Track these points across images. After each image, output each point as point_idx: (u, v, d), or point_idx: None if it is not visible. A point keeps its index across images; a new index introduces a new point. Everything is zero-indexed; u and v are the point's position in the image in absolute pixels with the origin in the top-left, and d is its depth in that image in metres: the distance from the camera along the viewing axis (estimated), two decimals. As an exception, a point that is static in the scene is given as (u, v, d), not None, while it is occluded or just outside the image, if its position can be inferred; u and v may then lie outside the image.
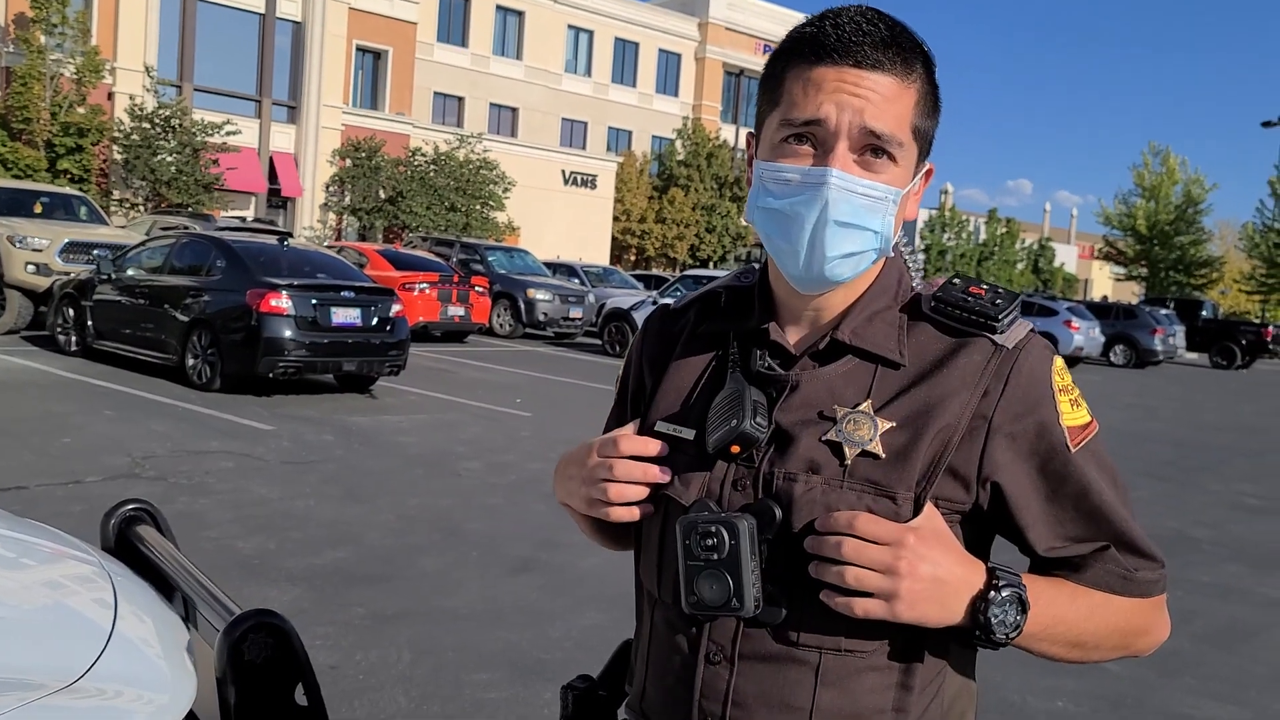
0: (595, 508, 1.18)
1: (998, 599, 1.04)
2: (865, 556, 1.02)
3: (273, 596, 4.61)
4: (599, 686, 1.33)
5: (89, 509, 5.73)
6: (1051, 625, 1.09)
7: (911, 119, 1.12)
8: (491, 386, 12.58)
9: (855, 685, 1.10)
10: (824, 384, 1.13)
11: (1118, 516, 1.12)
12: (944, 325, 1.14)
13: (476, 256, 20.96)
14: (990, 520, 1.13)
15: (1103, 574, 1.12)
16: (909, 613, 1.03)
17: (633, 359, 1.34)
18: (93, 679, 1.26)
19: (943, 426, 1.08)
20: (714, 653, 1.13)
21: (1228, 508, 8.59)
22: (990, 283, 1.15)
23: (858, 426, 1.09)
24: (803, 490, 1.09)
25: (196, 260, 11.03)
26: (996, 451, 1.09)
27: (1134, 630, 1.14)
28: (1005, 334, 1.11)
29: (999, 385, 1.09)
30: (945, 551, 1.05)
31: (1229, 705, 4.26)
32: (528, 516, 6.43)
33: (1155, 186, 46.66)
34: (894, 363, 1.12)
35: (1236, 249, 51.00)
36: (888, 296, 1.17)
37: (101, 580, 1.61)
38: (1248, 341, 32.61)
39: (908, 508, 1.07)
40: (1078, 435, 1.11)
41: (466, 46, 39.49)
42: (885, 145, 1.09)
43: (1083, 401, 1.14)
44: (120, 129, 25.90)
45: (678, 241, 39.87)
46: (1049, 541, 1.12)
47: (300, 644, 1.37)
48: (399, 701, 3.71)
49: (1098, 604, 1.11)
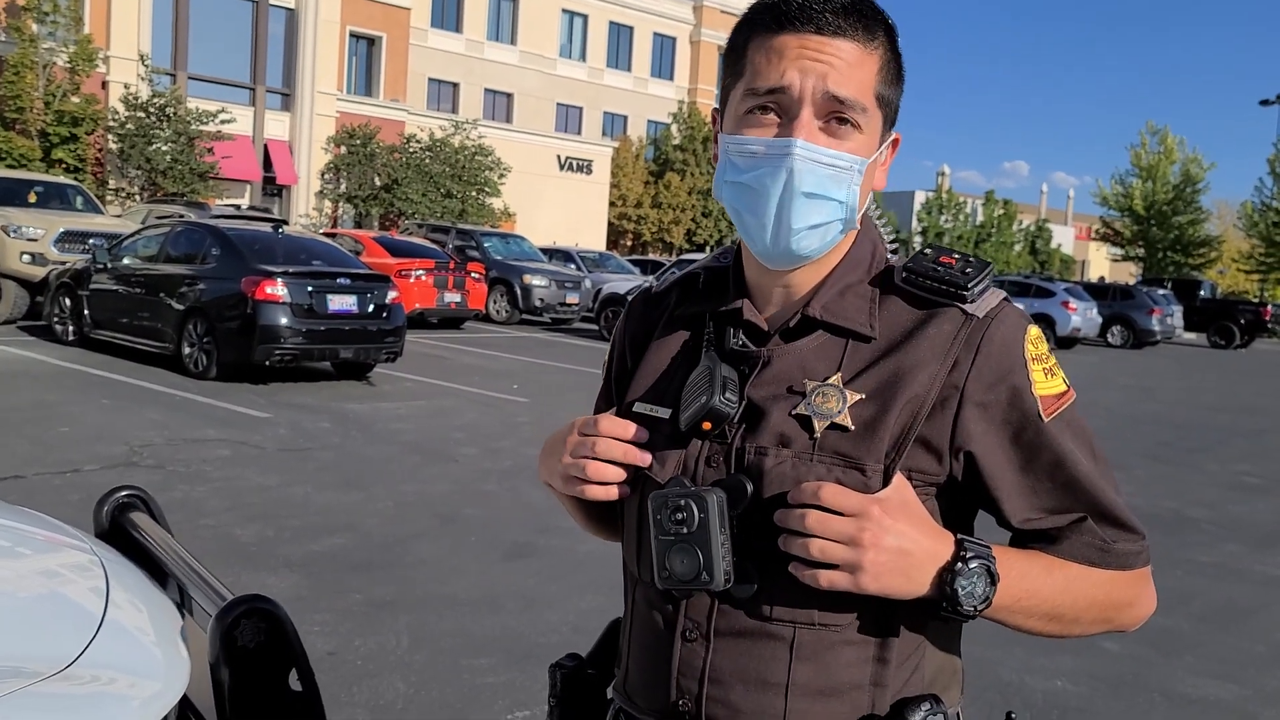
0: (573, 485, 1.18)
1: (965, 570, 1.03)
2: (829, 528, 1.02)
3: (271, 584, 4.61)
4: (587, 665, 1.33)
5: (87, 498, 5.71)
6: (1024, 598, 1.08)
7: (875, 85, 1.11)
8: (488, 373, 12.57)
9: (831, 659, 1.10)
10: (795, 359, 1.13)
11: (1094, 487, 1.10)
12: (915, 296, 1.13)
13: (472, 243, 20.92)
14: (967, 492, 1.12)
15: (1079, 546, 1.10)
16: (873, 584, 1.02)
17: (617, 341, 1.34)
18: (84, 665, 1.26)
19: (911, 397, 1.08)
20: (690, 630, 1.13)
21: (1226, 487, 8.59)
22: (962, 252, 1.14)
23: (826, 399, 1.09)
24: (773, 464, 1.09)
25: (192, 248, 11.00)
26: (969, 421, 1.08)
27: (1115, 603, 1.13)
28: (976, 303, 1.10)
29: (969, 355, 1.08)
30: (912, 523, 1.04)
31: (1228, 684, 4.27)
32: (524, 502, 6.43)
33: (1153, 166, 46.56)
34: (865, 336, 1.12)
35: (1235, 228, 50.91)
36: (860, 270, 1.16)
37: (94, 567, 1.60)
38: (1246, 321, 32.64)
39: (877, 479, 1.06)
40: (1051, 404, 1.09)
41: (460, 32, 39.32)
42: (848, 112, 1.09)
43: (1058, 371, 1.13)
44: (115, 118, 25.80)
45: (674, 226, 39.81)
46: (1024, 513, 1.11)
47: (293, 629, 1.36)
48: (398, 687, 3.71)
49: (1074, 576, 1.10)
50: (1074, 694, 4.04)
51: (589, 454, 1.16)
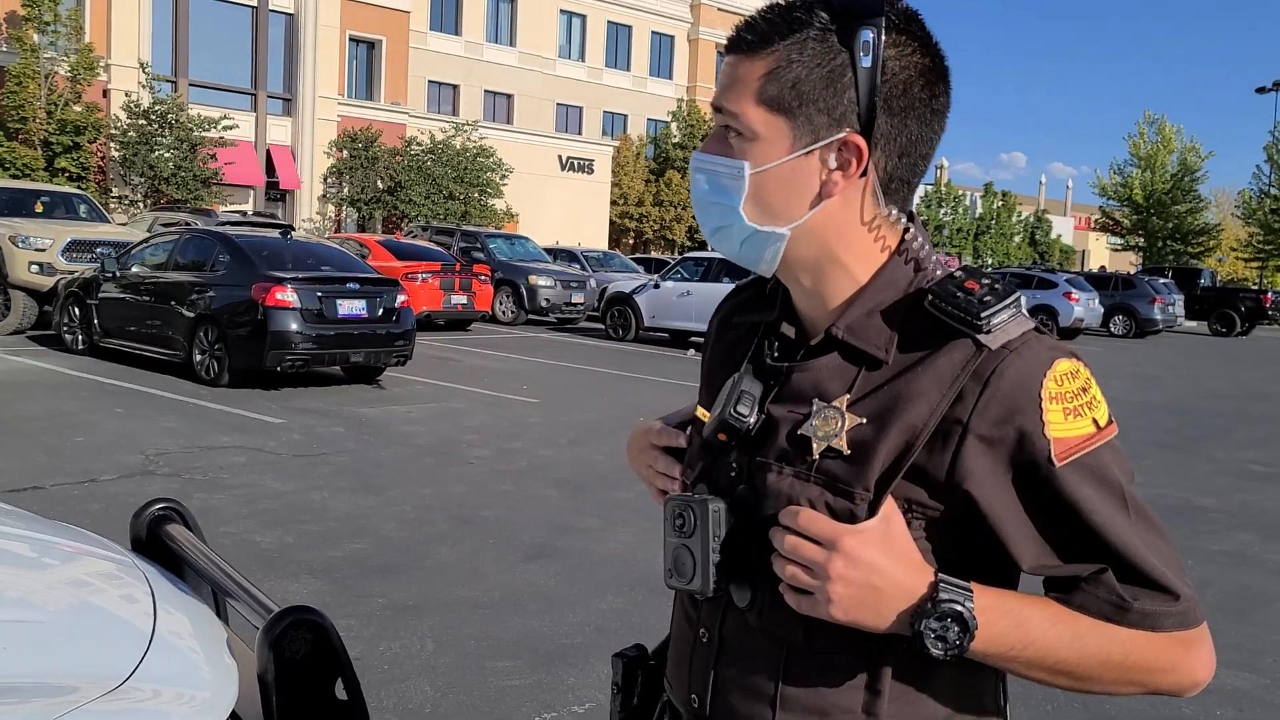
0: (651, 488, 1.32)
1: (934, 612, 0.99)
2: (800, 553, 1.02)
3: (294, 590, 4.65)
4: (649, 656, 1.37)
5: (106, 507, 5.77)
6: (1020, 648, 1.01)
7: (756, 91, 1.08)
8: (497, 374, 12.61)
9: (819, 681, 1.10)
10: (810, 378, 1.13)
11: (1118, 539, 1.02)
12: (937, 321, 1.07)
13: (477, 244, 20.97)
14: (972, 531, 1.06)
15: (1090, 599, 1.03)
16: (842, 616, 1.01)
17: (709, 332, 1.40)
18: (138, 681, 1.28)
19: (907, 425, 1.04)
20: (704, 634, 1.18)
21: (1234, 475, 8.62)
22: (991, 277, 1.08)
23: (826, 421, 1.09)
24: (774, 480, 1.10)
25: (200, 256, 11.05)
26: (969, 458, 1.02)
27: (1142, 667, 1.03)
28: (991, 334, 1.03)
29: (976, 387, 1.02)
30: (891, 557, 1.01)
31: (1245, 673, 4.30)
32: (541, 503, 6.48)
33: (1151, 156, 46.53)
34: (877, 360, 1.09)
35: (1233, 216, 50.92)
36: (895, 290, 1.12)
37: (138, 581, 1.63)
38: (1246, 308, 32.70)
39: (863, 507, 1.04)
40: (1069, 448, 1.01)
41: (460, 34, 39.35)
42: (729, 120, 1.11)
43: (1089, 411, 1.03)
44: (117, 126, 25.87)
45: (675, 224, 39.83)
46: (1035, 559, 1.04)
47: (339, 639, 1.39)
48: (424, 691, 3.76)
49: (1084, 631, 1.02)
50: (1093, 685, 4.08)
51: (650, 464, 1.30)
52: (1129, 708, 3.91)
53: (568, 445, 8.38)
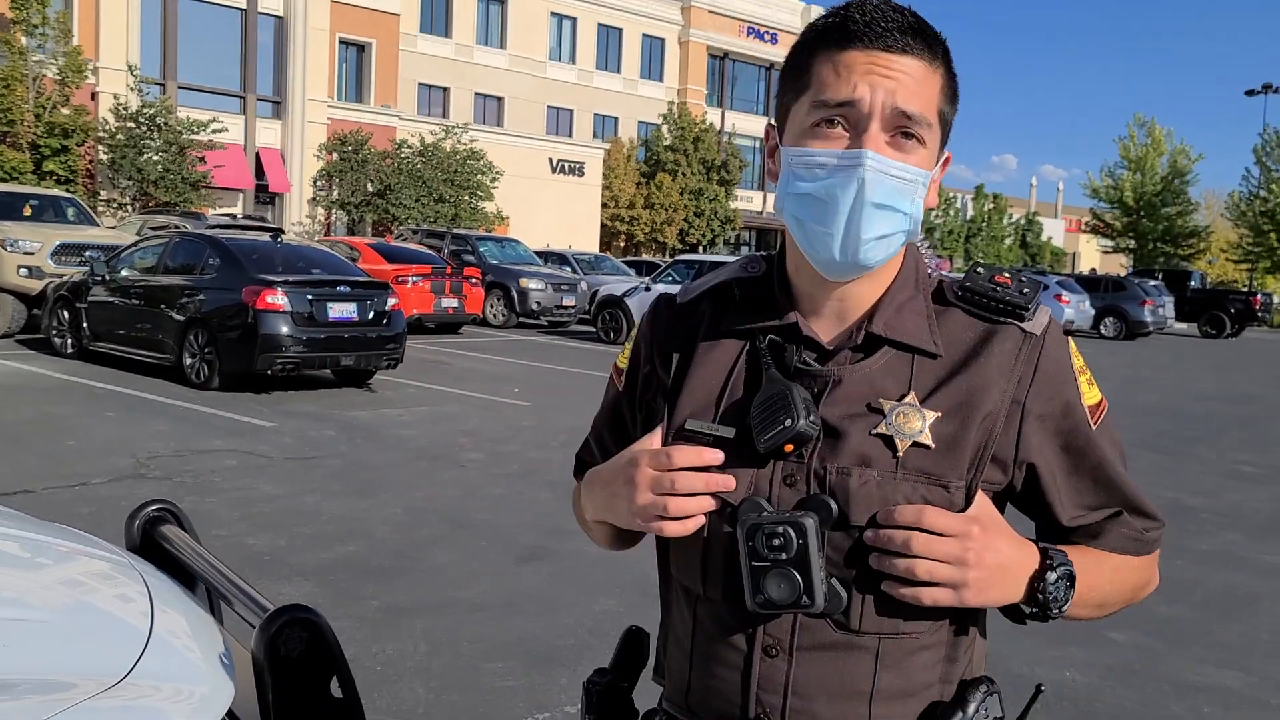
0: (651, 523, 1.15)
1: (1053, 578, 1.11)
2: (935, 550, 1.07)
3: (286, 593, 4.64)
4: (618, 679, 1.35)
5: (97, 511, 5.75)
6: (1086, 593, 1.15)
7: (938, 103, 1.14)
8: (488, 377, 12.60)
9: (910, 664, 1.15)
10: (864, 378, 1.15)
11: (1126, 484, 1.20)
12: (973, 313, 1.17)
13: (468, 247, 20.95)
14: (1014, 496, 1.20)
15: (1118, 538, 1.20)
16: (977, 599, 1.09)
17: (641, 348, 1.31)
18: (136, 678, 1.29)
19: (986, 414, 1.13)
20: (771, 646, 1.15)
21: (1224, 476, 8.67)
22: (1013, 269, 1.20)
23: (908, 419, 1.12)
24: (858, 484, 1.11)
25: (190, 259, 11.02)
26: (1030, 435, 1.15)
27: (1140, 585, 1.24)
28: (1032, 321, 1.16)
29: (1030, 371, 1.15)
30: (1003, 537, 1.10)
31: (1234, 672, 4.33)
32: (534, 505, 6.48)
33: (1141, 158, 46.69)
34: (931, 354, 1.15)
35: (1223, 218, 51.08)
36: (910, 286, 1.19)
37: (135, 581, 1.63)
38: (1236, 310, 32.85)
39: (959, 495, 1.11)
40: (1096, 413, 1.19)
41: (450, 37, 39.32)
42: (915, 127, 1.11)
43: (1095, 380, 1.21)
44: (105, 129, 25.78)
45: (666, 226, 39.85)
46: (1072, 511, 1.19)
47: (334, 637, 1.39)
48: (418, 692, 3.76)
49: (1117, 566, 1.19)
50: (1084, 684, 4.10)
51: (669, 490, 1.13)
52: (1118, 706, 3.93)
53: (560, 448, 8.38)
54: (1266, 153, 43.67)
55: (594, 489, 1.27)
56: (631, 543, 1.35)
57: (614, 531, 1.30)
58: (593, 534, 1.37)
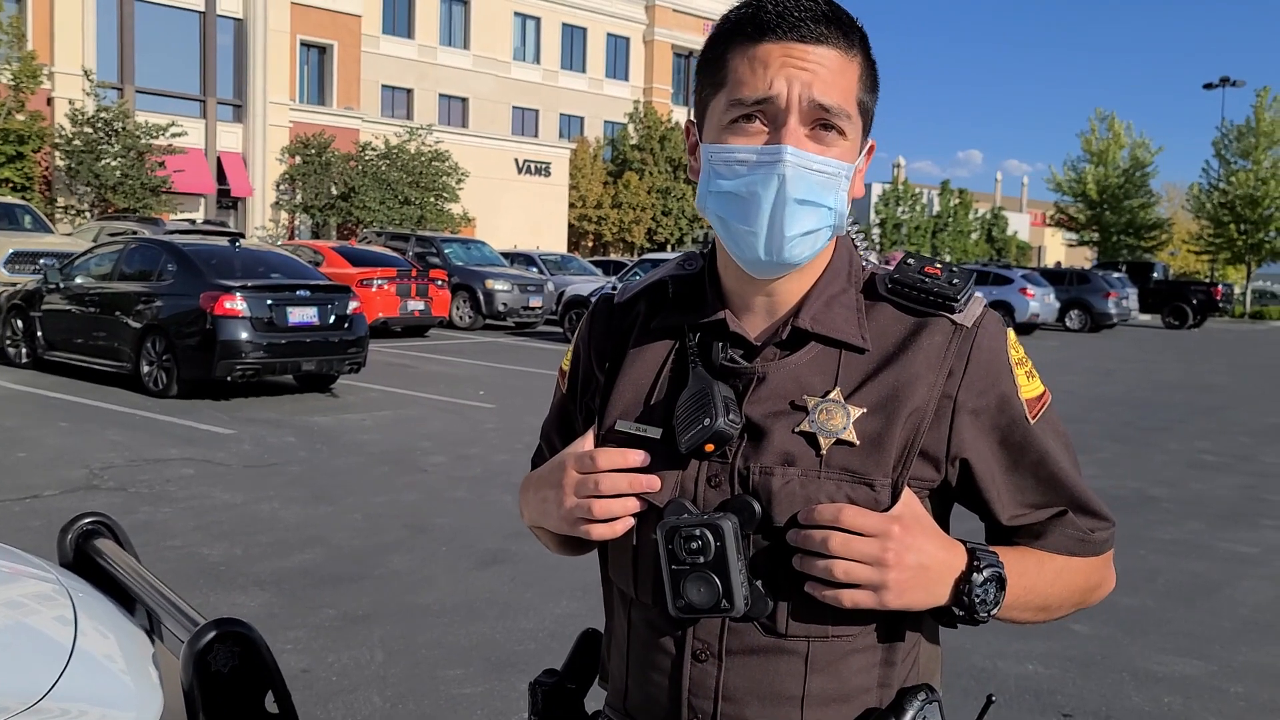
0: (577, 526, 1.13)
1: (979, 580, 1.06)
2: (852, 549, 1.03)
3: (241, 603, 4.57)
4: (566, 679, 1.32)
5: (48, 524, 5.63)
6: (1024, 595, 1.11)
7: (857, 92, 1.11)
8: (453, 380, 12.51)
9: (843, 668, 1.11)
10: (790, 374, 1.12)
11: (1072, 482, 1.14)
12: (903, 306, 1.13)
13: (433, 249, 20.82)
14: (954, 494, 1.15)
15: (1062, 539, 1.14)
16: (897, 601, 1.04)
17: (580, 350, 1.29)
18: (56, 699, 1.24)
19: (913, 410, 1.09)
20: (700, 651, 1.12)
21: (1186, 465, 8.74)
22: (944, 261, 1.16)
23: (830, 416, 1.08)
24: (780, 484, 1.08)
25: (147, 265, 10.85)
26: (963, 429, 1.11)
27: (1089, 588, 1.18)
28: (963, 313, 1.12)
29: (961, 364, 1.10)
30: (928, 537, 1.06)
31: (1194, 660, 4.34)
32: (495, 509, 6.41)
33: (1103, 151, 47.14)
34: (858, 348, 1.12)
35: (1184, 210, 51.66)
36: (841, 279, 1.16)
37: (60, 597, 1.58)
38: (1198, 301, 33.31)
39: (885, 494, 1.07)
40: (1035, 407, 1.13)
41: (413, 38, 39.09)
42: (834, 119, 1.08)
43: (1036, 372, 1.17)
44: (61, 134, 25.40)
45: (634, 226, 39.82)
46: (1012, 510, 1.14)
47: (268, 651, 1.35)
48: (374, 702, 3.69)
49: (1061, 568, 1.14)
50: (1046, 676, 4.10)
51: (593, 493, 1.11)
52: (1079, 697, 3.92)
53: (524, 450, 8.29)
54: (1225, 146, 44.21)
55: (529, 494, 1.25)
56: (581, 548, 1.32)
57: (558, 536, 1.28)
58: (542, 539, 1.35)
